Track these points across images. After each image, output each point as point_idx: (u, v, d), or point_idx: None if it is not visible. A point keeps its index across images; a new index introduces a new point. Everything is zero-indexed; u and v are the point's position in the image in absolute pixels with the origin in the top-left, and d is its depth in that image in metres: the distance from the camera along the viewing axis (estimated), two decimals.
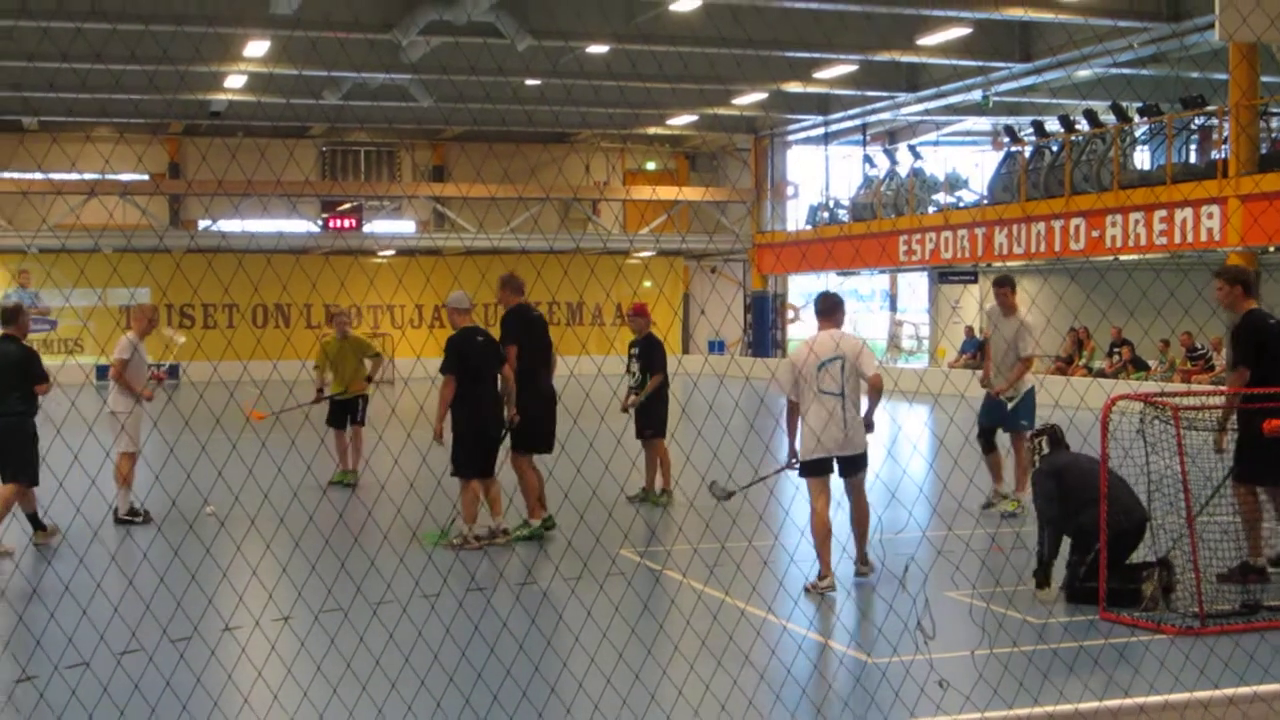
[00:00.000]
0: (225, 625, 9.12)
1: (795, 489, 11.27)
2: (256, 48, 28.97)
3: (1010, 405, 13.96)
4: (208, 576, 9.60)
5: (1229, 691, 5.78)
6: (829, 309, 11.42)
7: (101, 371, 38.31)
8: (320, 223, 42.49)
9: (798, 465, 10.98)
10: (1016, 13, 26.38)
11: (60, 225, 37.73)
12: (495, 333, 13.14)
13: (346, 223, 42.53)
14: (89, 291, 38.47)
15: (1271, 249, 26.06)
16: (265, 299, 42.10)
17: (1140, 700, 5.66)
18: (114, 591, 8.76)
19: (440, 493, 11.62)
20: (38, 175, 38.95)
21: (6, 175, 39.16)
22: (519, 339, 13.07)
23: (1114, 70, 31.29)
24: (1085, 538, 10.22)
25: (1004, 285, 14.53)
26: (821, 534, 10.62)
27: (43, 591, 9.34)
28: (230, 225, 41.98)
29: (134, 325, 14.52)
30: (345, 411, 16.84)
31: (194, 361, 21.94)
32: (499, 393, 12.76)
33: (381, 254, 44.15)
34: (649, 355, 15.28)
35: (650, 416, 15.09)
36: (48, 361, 10.56)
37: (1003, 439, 14.21)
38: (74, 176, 39.19)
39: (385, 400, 17.31)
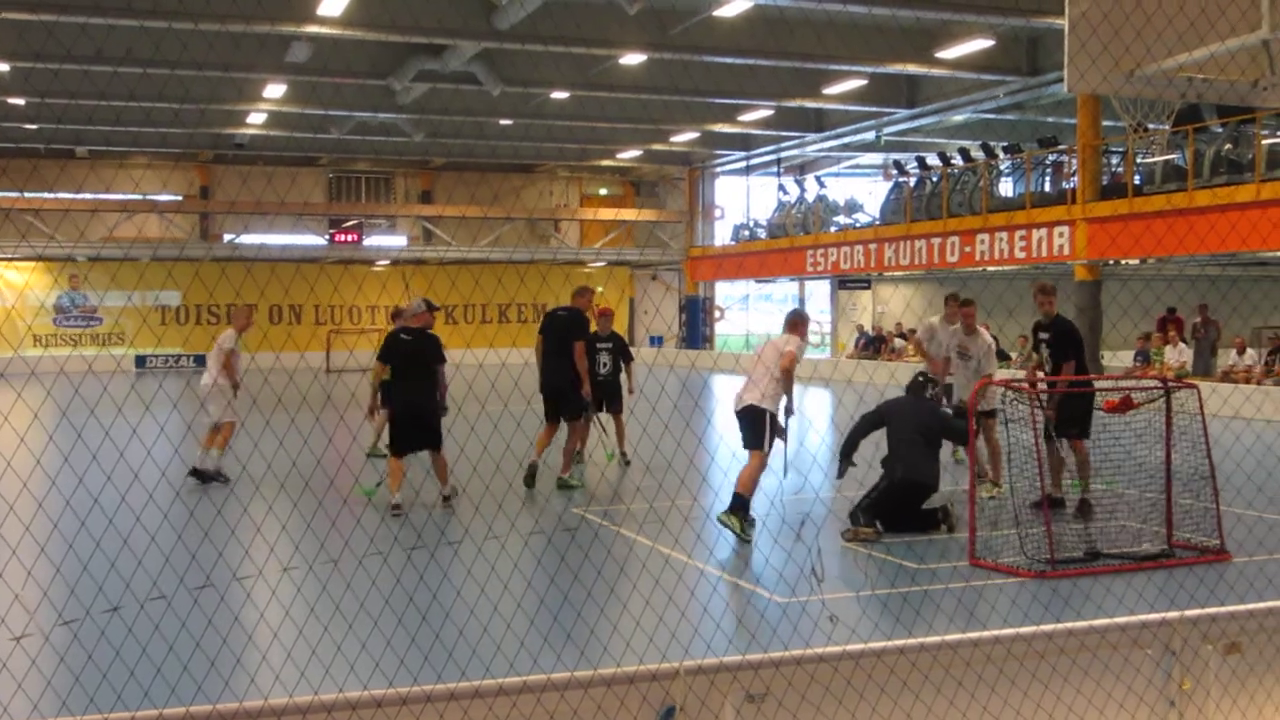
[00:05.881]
0: (234, 575, 8.95)
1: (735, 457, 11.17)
2: (274, 90, 28.77)
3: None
4: (219, 534, 9.44)
5: (1068, 625, 5.73)
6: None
7: (140, 360, 38.32)
8: (328, 237, 42.22)
9: None
10: (903, 67, 26.44)
11: (105, 238, 37.40)
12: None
13: (349, 237, 42.31)
14: (130, 292, 38.27)
15: (1110, 261, 26.25)
16: (279, 300, 41.75)
17: (996, 632, 5.60)
18: (138, 546, 8.57)
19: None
20: (86, 195, 38.52)
21: (53, 195, 38.51)
22: (543, 331, 13.63)
23: (983, 115, 31.50)
24: (883, 485, 10.78)
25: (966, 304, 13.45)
26: None
27: (76, 546, 9.13)
28: (252, 239, 41.62)
29: (235, 323, 14.17)
30: None
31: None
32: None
33: (379, 263, 43.91)
34: (621, 349, 15.30)
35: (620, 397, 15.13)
36: (90, 352, 10.28)
37: None
38: (114, 196, 38.78)
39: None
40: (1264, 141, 22.01)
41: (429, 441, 12.05)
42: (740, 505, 10.59)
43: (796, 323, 11.51)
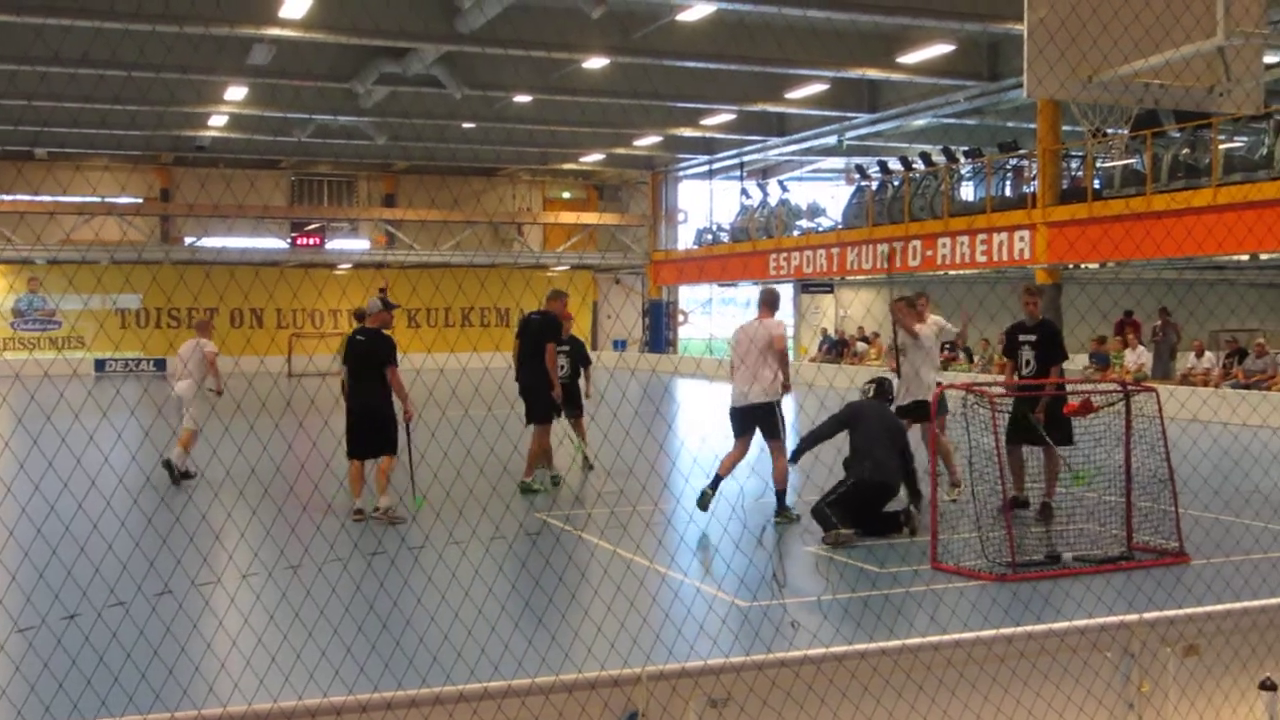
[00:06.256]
0: (192, 582, 8.87)
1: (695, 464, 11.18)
2: (236, 92, 28.62)
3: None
4: (177, 540, 9.35)
5: (1028, 629, 5.76)
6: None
7: (100, 364, 37.96)
8: (289, 240, 41.97)
9: None
10: (864, 72, 26.57)
11: (65, 241, 37.07)
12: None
13: (311, 240, 42.09)
14: (91, 296, 37.96)
15: (1070, 265, 26.46)
16: (239, 304, 41.49)
17: (956, 636, 5.61)
18: (96, 553, 8.47)
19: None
20: (46, 198, 38.14)
21: (8, 198, 38.08)
22: (519, 335, 13.89)
23: (944, 120, 31.67)
24: (850, 481, 10.76)
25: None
26: None
27: (33, 553, 9.03)
28: (214, 242, 41.30)
29: (205, 333, 14.91)
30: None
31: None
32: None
33: (340, 267, 43.70)
34: (579, 353, 15.20)
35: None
36: (48, 355, 10.24)
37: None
38: (72, 199, 38.42)
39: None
40: (1220, 146, 22.24)
41: (382, 447, 11.88)
42: (783, 498, 11.54)
43: (770, 302, 11.93)
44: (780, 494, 11.61)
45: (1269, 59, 12.22)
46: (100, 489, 7.83)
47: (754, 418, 11.51)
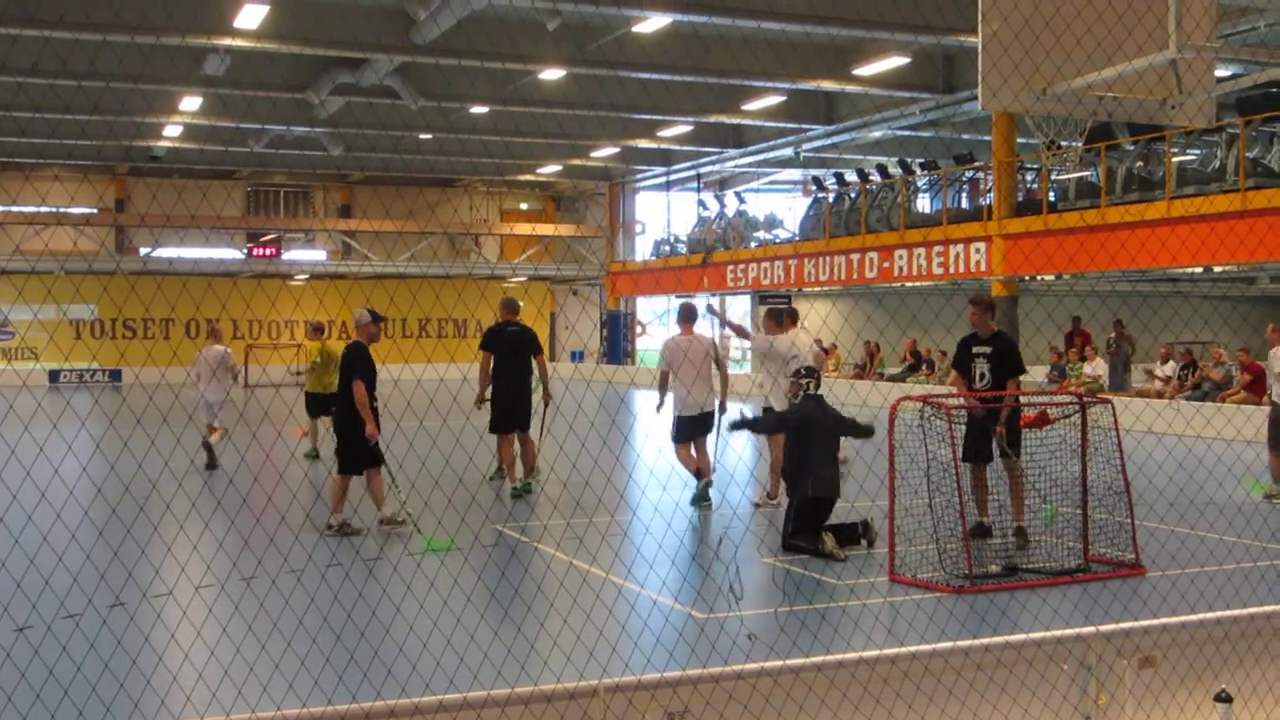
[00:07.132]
0: (144, 594, 8.76)
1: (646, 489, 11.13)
2: (190, 102, 28.42)
3: None
4: (129, 553, 9.23)
5: (985, 641, 5.77)
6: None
7: (54, 375, 37.58)
8: (245, 251, 41.68)
9: None
10: (820, 84, 26.68)
11: (15, 251, 36.68)
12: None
13: (268, 251, 41.82)
14: (41, 306, 37.61)
15: (1026, 277, 26.64)
16: (194, 314, 41.16)
17: (914, 649, 5.62)
18: (46, 566, 8.35)
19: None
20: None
21: None
22: (489, 347, 13.83)
23: (899, 132, 31.86)
24: (796, 502, 10.76)
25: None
26: None
27: None
28: (169, 252, 40.93)
29: (219, 340, 16.47)
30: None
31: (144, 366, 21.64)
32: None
33: (297, 278, 43.45)
34: None
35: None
36: (0, 366, 10.12)
37: None
38: (24, 209, 38.04)
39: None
40: (1173, 159, 22.48)
41: (360, 463, 11.60)
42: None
43: (692, 317, 13.19)
44: (708, 482, 12.95)
45: (1220, 72, 12.35)
46: (51, 501, 7.73)
47: (708, 421, 12.78)
